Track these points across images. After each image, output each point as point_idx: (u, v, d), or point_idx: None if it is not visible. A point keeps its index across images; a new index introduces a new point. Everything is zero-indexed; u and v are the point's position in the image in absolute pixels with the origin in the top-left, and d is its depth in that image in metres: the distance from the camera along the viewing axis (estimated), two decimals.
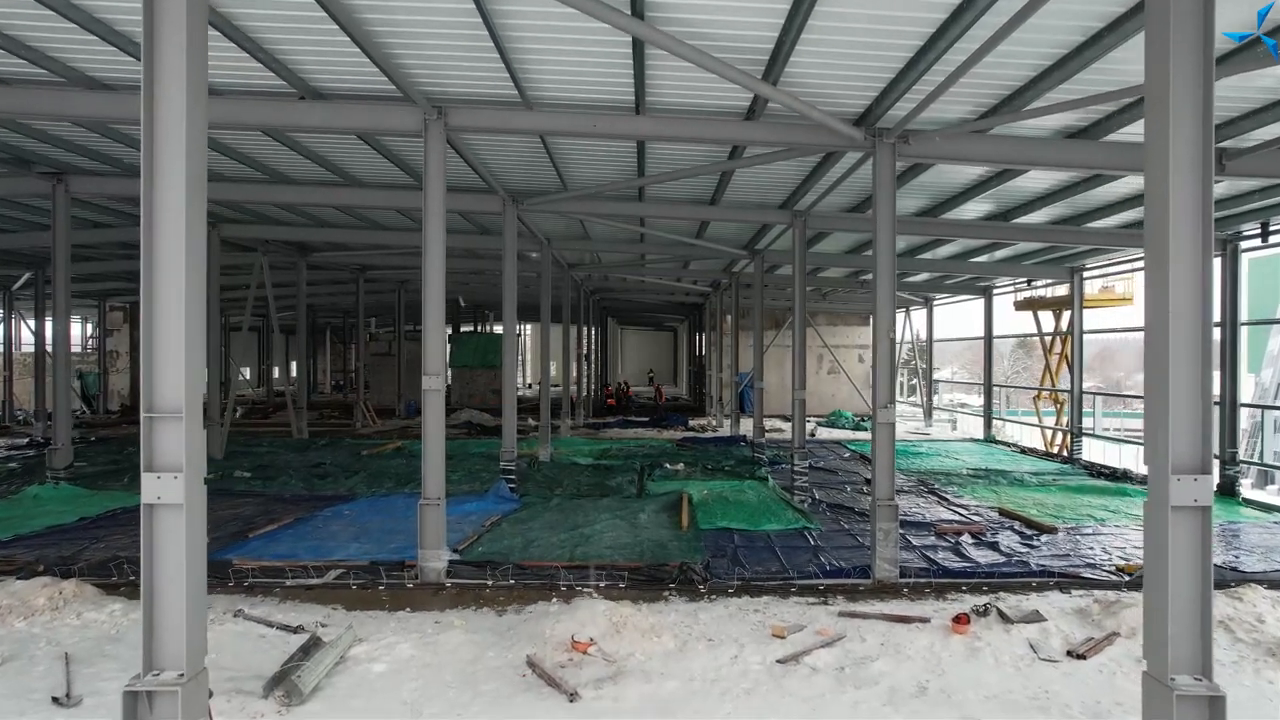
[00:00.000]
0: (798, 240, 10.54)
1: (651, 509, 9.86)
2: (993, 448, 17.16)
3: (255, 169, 10.12)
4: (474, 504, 10.03)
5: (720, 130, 6.91)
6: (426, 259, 6.81)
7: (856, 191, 10.28)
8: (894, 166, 6.80)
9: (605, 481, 11.95)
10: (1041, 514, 9.76)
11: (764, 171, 9.65)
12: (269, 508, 10.08)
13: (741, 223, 12.75)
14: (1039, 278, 15.16)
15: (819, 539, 8.50)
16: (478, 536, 8.44)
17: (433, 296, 6.81)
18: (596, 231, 14.14)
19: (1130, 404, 33.16)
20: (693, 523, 9.12)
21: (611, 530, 8.77)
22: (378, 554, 7.73)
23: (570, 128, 6.90)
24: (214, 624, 5.50)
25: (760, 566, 7.35)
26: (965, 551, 7.92)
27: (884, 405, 6.80)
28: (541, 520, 9.29)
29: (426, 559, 6.78)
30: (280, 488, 11.51)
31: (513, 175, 10.21)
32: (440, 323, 6.83)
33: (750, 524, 9.11)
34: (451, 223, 14.01)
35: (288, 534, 8.59)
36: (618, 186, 9.35)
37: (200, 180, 3.27)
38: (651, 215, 10.78)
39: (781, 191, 10.46)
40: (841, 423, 21.71)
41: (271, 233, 14.84)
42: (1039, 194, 10.07)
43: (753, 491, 11.24)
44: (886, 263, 6.80)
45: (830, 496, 11.07)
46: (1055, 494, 11.24)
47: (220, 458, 14.41)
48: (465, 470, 13.09)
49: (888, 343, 6.81)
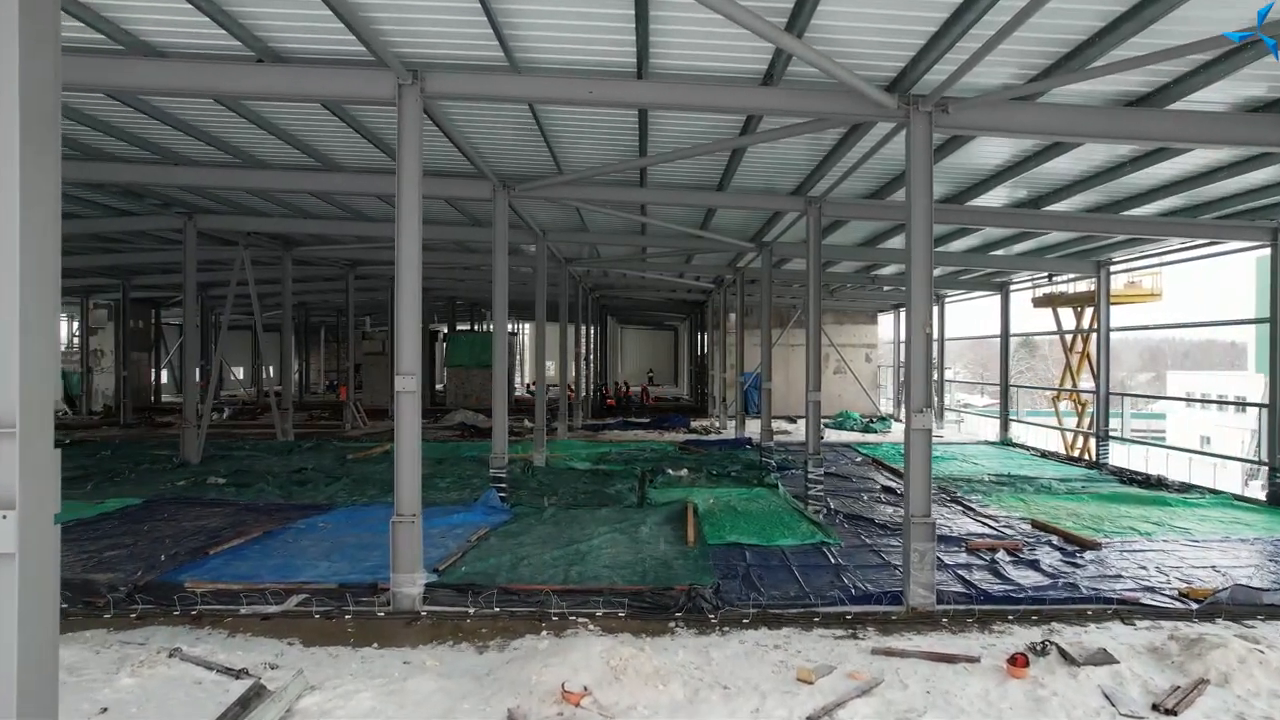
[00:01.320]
0: (812, 229, 9.73)
1: (654, 521, 9.06)
2: (1010, 451, 16.36)
3: (224, 151, 9.31)
4: (460, 515, 9.22)
5: (733, 97, 6.10)
6: (400, 243, 6.00)
7: (877, 175, 9.48)
8: (930, 139, 5.99)
9: (604, 489, 11.14)
10: (1079, 526, 8.96)
11: (775, 152, 8.85)
12: (239, 519, 9.28)
13: (750, 211, 11.95)
14: (1064, 272, 14.36)
15: (839, 556, 7.70)
16: (462, 554, 7.64)
17: (407, 285, 6.01)
18: (595, 223, 13.34)
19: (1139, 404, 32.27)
20: (699, 537, 8.32)
21: (610, 546, 7.97)
22: (349, 574, 6.92)
23: (563, 95, 6.10)
24: (144, 666, 4.69)
25: (777, 590, 6.54)
26: (1004, 571, 7.11)
27: (920, 409, 5.99)
28: (534, 534, 8.49)
29: (399, 584, 5.97)
30: (254, 496, 10.71)
31: (503, 158, 9.40)
32: (415, 316, 6.02)
33: (762, 538, 8.30)
34: (440, 213, 13.20)
35: (253, 550, 7.78)
36: (617, 169, 8.55)
37: (44, 112, 2.41)
38: (653, 202, 9.98)
39: (794, 176, 9.66)
40: (849, 424, 20.90)
41: (251, 224, 14.04)
42: (1072, 179, 9.27)
43: (763, 500, 10.44)
44: (923, 248, 5.99)
45: (846, 506, 10.27)
46: (1088, 503, 10.43)
47: (196, 462, 13.62)
48: (455, 476, 12.28)
49: (923, 338, 6.00)
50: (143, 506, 9.80)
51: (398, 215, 6.02)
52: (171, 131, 8.58)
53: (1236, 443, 44.52)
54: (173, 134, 8.72)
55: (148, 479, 11.92)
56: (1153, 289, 17.91)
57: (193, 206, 13.18)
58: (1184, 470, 23.74)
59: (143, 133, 8.73)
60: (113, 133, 8.62)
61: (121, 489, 10.99)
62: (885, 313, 26.40)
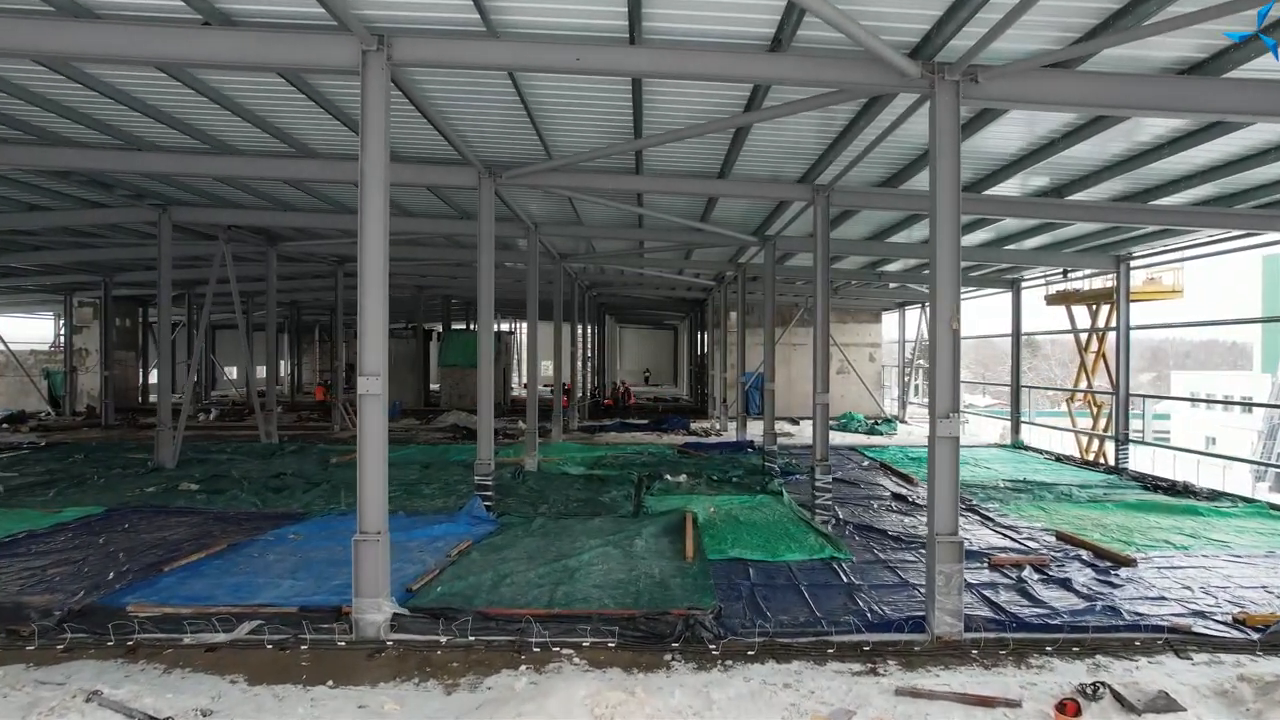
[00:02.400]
0: (819, 219, 9.08)
1: (650, 532, 8.41)
2: (1023, 454, 15.71)
3: (190, 136, 8.67)
4: (442, 526, 8.58)
5: (737, 66, 5.45)
6: (364, 229, 5.36)
7: (890, 161, 8.84)
8: (958, 112, 5.35)
9: (597, 497, 10.49)
10: (1107, 538, 8.32)
11: (780, 136, 8.21)
12: (205, 529, 8.64)
13: (752, 202, 11.31)
14: (1081, 267, 13.71)
15: (851, 573, 7.06)
16: (439, 571, 6.99)
17: (372, 277, 5.37)
18: (589, 215, 12.69)
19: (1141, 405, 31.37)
20: (699, 551, 7.67)
21: (602, 561, 7.33)
22: (313, 595, 6.28)
23: (547, 62, 5.45)
24: (53, 715, 4.05)
25: (785, 614, 5.90)
26: (1033, 591, 6.47)
27: (946, 414, 5.35)
28: (520, 547, 7.84)
29: (362, 610, 5.33)
30: (226, 503, 10.06)
31: (488, 142, 8.76)
32: (380, 310, 5.38)
33: (767, 552, 7.66)
34: (427, 205, 12.57)
35: (213, 566, 7.13)
36: (610, 153, 7.90)
37: None
38: (650, 191, 9.35)
39: (801, 162, 9.01)
40: (854, 426, 20.25)
41: (229, 216, 13.38)
42: (1099, 165, 8.63)
43: (766, 509, 9.79)
44: (949, 234, 5.35)
45: (856, 515, 9.63)
46: (1113, 512, 9.79)
47: (171, 467, 12.97)
48: (441, 483, 11.64)
49: (950, 334, 5.36)
50: (103, 516, 9.15)
51: (361, 196, 5.37)
52: (131, 113, 7.95)
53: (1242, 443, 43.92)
54: (134, 117, 8.10)
55: (116, 485, 11.27)
56: (1174, 285, 17.25)
57: (166, 198, 12.53)
58: (1191, 472, 23.17)
59: (102, 115, 8.10)
60: (69, 115, 7.98)
61: (85, 496, 10.34)
62: (890, 311, 25.75)
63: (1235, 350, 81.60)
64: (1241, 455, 35.16)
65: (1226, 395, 50.60)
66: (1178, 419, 51.05)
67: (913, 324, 24.66)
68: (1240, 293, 67.65)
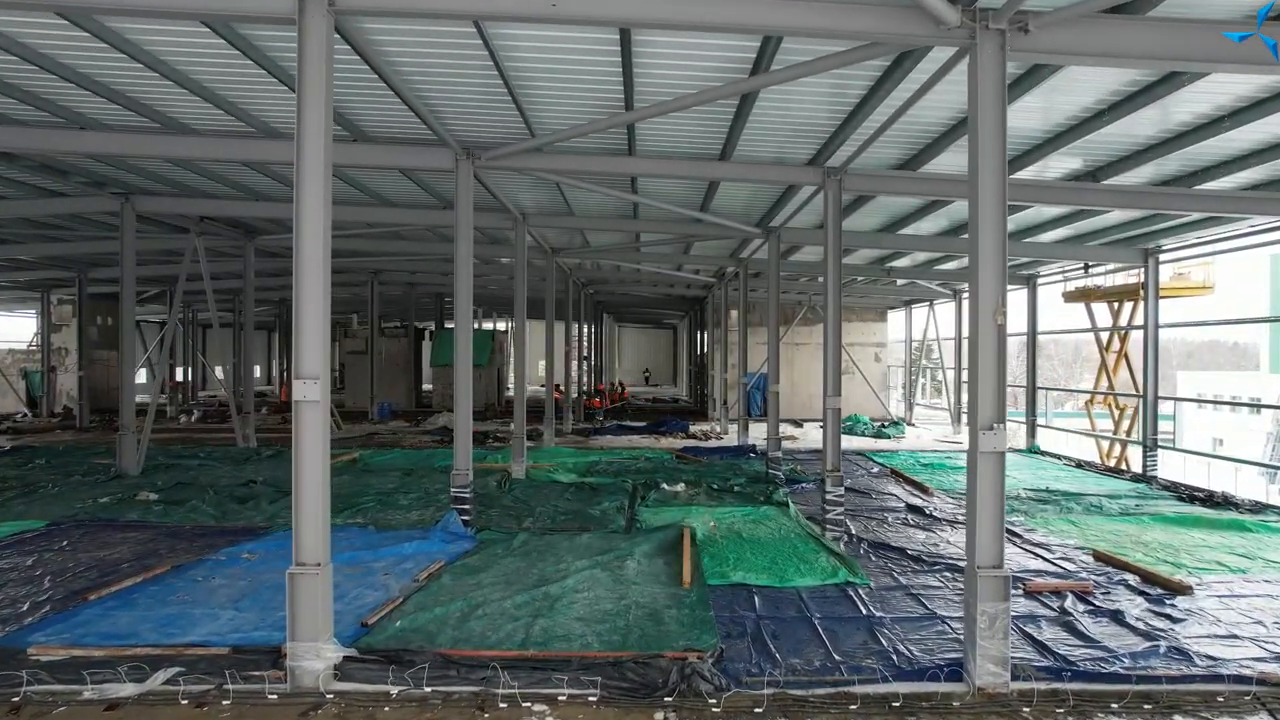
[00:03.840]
0: (830, 205, 8.25)
1: (643, 551, 7.58)
2: (1041, 460, 14.87)
3: (140, 114, 7.85)
4: (413, 544, 7.74)
5: (747, 11, 4.60)
6: (300, 204, 4.55)
7: (908, 140, 8.00)
8: (1004, 68, 4.51)
9: (588, 508, 9.66)
10: (1151, 559, 7.49)
11: (788, 111, 7.38)
12: (152, 547, 7.81)
13: (756, 189, 10.48)
14: (1106, 261, 12.87)
15: (870, 602, 6.23)
16: (403, 599, 6.16)
17: (310, 263, 4.54)
18: (581, 204, 11.86)
19: None
20: (698, 575, 6.84)
21: (588, 586, 6.50)
22: (253, 630, 5.46)
23: (517, 8, 4.61)
24: None
25: (798, 656, 5.07)
26: (1082, 626, 5.63)
27: (990, 425, 4.51)
28: (498, 569, 7.01)
29: (299, 656, 4.50)
30: (184, 516, 9.22)
31: (465, 120, 7.93)
32: (319, 303, 4.55)
33: (775, 576, 6.82)
34: (406, 193, 11.73)
35: (147, 593, 6.30)
36: (599, 128, 7.06)
37: None
38: (645, 174, 8.52)
39: (810, 141, 8.18)
40: (860, 429, 19.41)
41: (201, 207, 12.53)
42: (1142, 145, 7.80)
43: (771, 523, 8.97)
44: (994, 211, 4.51)
45: (870, 531, 8.80)
46: (1151, 527, 8.96)
47: (135, 473, 12.15)
48: (421, 492, 10.82)
49: (994, 329, 4.52)
50: (42, 532, 8.31)
51: (297, 168, 4.55)
52: (71, 87, 7.14)
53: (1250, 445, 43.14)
54: (75, 91, 7.29)
55: (69, 494, 10.43)
56: (1204, 281, 16.39)
57: (129, 186, 11.69)
58: (1202, 476, 22.33)
59: (39, 90, 7.29)
60: None
61: (30, 508, 9.51)
62: (896, 309, 24.91)
63: (1238, 351, 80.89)
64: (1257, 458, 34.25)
65: (1234, 396, 49.93)
66: (1183, 420, 50.22)
67: (920, 323, 23.82)
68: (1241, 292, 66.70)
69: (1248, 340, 76.98)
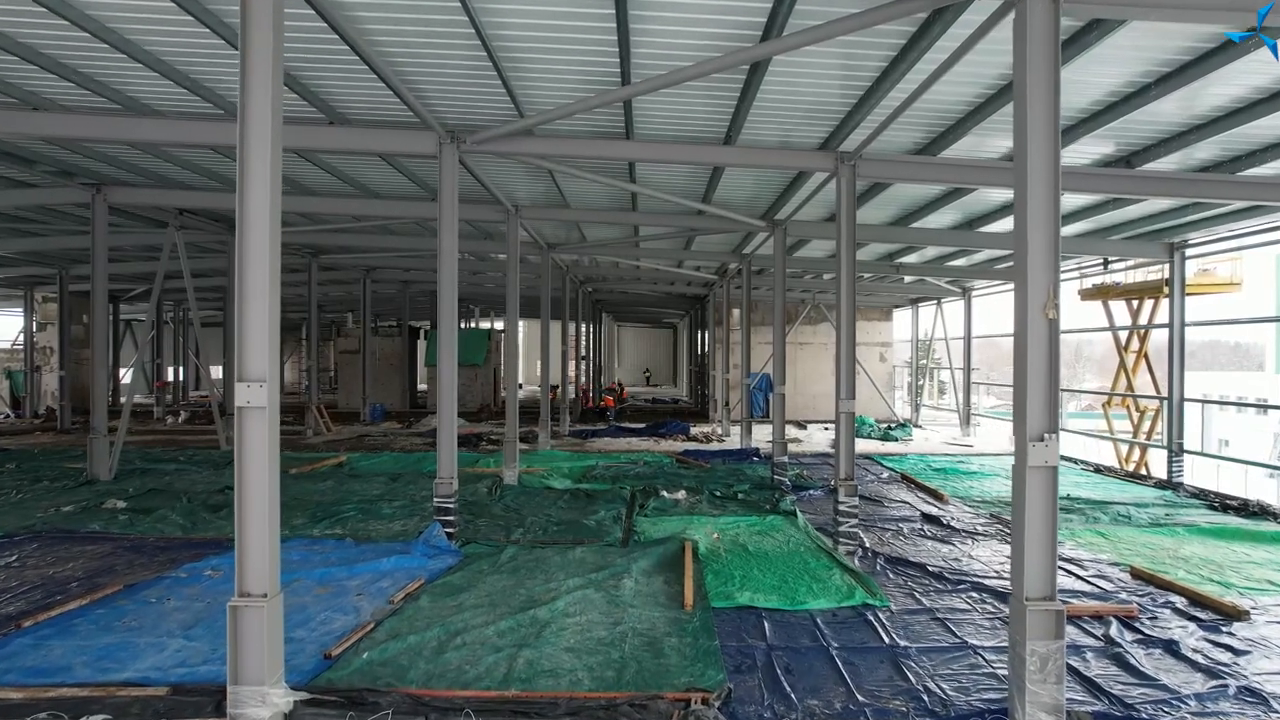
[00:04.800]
0: (844, 193, 7.64)
1: (641, 568, 6.97)
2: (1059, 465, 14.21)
3: (97, 94, 7.25)
4: (392, 560, 7.12)
5: None
6: (245, 178, 3.94)
7: (927, 122, 7.39)
8: (1058, 22, 3.90)
9: (582, 518, 9.04)
10: (1196, 577, 6.87)
11: (797, 90, 6.78)
12: (109, 562, 7.21)
13: (763, 176, 9.86)
14: (1129, 256, 12.25)
15: (892, 628, 5.61)
16: (375, 624, 5.55)
17: (254, 247, 3.94)
18: (577, 195, 11.24)
19: None
20: (701, 596, 6.23)
21: (580, 609, 5.89)
22: (201, 664, 4.85)
23: None
24: None
25: (815, 697, 4.46)
26: (1133, 659, 5.02)
27: (1039, 436, 3.91)
28: (482, 588, 6.40)
29: (242, 702, 3.89)
30: (150, 526, 8.63)
31: (450, 101, 7.34)
32: (264, 294, 3.95)
33: (785, 597, 6.21)
34: (393, 185, 11.12)
35: (92, 617, 5.69)
36: (593, 105, 6.45)
37: None
38: (644, 159, 7.91)
39: (821, 124, 7.58)
40: (866, 431, 18.78)
41: (179, 199, 11.88)
42: (1182, 126, 7.19)
43: (779, 534, 8.36)
44: (1044, 186, 3.90)
45: (884, 544, 8.18)
46: (1188, 539, 8.35)
47: (107, 479, 11.54)
48: (406, 500, 10.21)
49: (1045, 325, 3.91)
50: None
51: (241, 137, 3.94)
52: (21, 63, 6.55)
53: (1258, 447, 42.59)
54: (25, 68, 6.69)
55: (34, 501, 9.83)
56: (1231, 277, 15.75)
57: (100, 176, 11.09)
58: (1211, 479, 21.69)
59: None
60: None
61: None
62: (902, 308, 24.30)
63: (1239, 351, 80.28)
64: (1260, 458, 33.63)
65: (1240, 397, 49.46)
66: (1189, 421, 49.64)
67: (927, 322, 23.22)
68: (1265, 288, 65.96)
69: (1249, 340, 76.43)
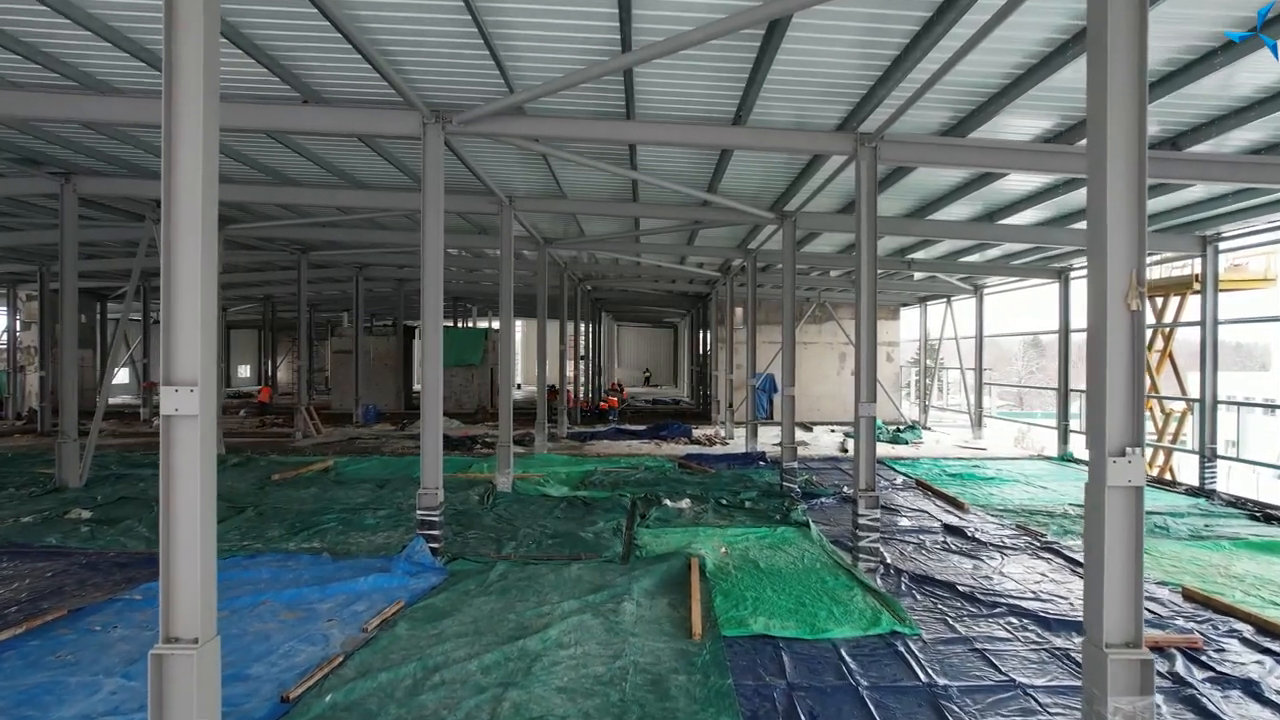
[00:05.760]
0: (864, 176, 7.00)
1: (643, 588, 6.34)
2: (1079, 470, 13.61)
3: (51, 69, 6.62)
4: (370, 579, 6.48)
5: None
6: (173, 147, 3.30)
7: (956, 100, 6.75)
8: None
9: (579, 530, 8.39)
10: (1257, 600, 6.24)
11: (814, 64, 6.14)
12: (59, 581, 6.57)
13: (772, 163, 9.22)
14: (1159, 250, 11.58)
15: (927, 661, 4.97)
16: (344, 657, 4.91)
17: (183, 230, 3.30)
18: (574, 184, 10.60)
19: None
20: (710, 622, 5.59)
21: (575, 639, 5.25)
22: (136, 711, 4.20)
23: None
24: None
25: None
26: (1211, 705, 4.37)
27: (1120, 451, 3.27)
28: (467, 613, 5.76)
29: None
30: (112, 539, 7.98)
31: (434, 77, 6.70)
32: (196, 289, 3.32)
33: (805, 624, 5.57)
34: (380, 174, 10.47)
35: (23, 650, 5.04)
36: (591, 77, 5.80)
37: None
38: (646, 141, 7.26)
39: (839, 101, 6.94)
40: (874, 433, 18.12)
41: (155, 189, 11.23)
42: (1235, 104, 6.56)
43: (792, 548, 7.73)
44: (1128, 148, 3.28)
45: (906, 559, 7.55)
46: (1234, 554, 7.71)
47: (78, 485, 10.90)
48: (393, 508, 9.55)
49: (1126, 318, 3.28)
50: None
51: (166, 96, 3.30)
52: None
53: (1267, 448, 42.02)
54: None
55: None
56: (1265, 273, 15.08)
57: (68, 164, 10.45)
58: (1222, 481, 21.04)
59: None
60: None
61: None
62: (910, 307, 23.65)
63: (1241, 351, 79.63)
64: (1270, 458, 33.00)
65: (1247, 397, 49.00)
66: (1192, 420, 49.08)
67: (935, 320, 22.57)
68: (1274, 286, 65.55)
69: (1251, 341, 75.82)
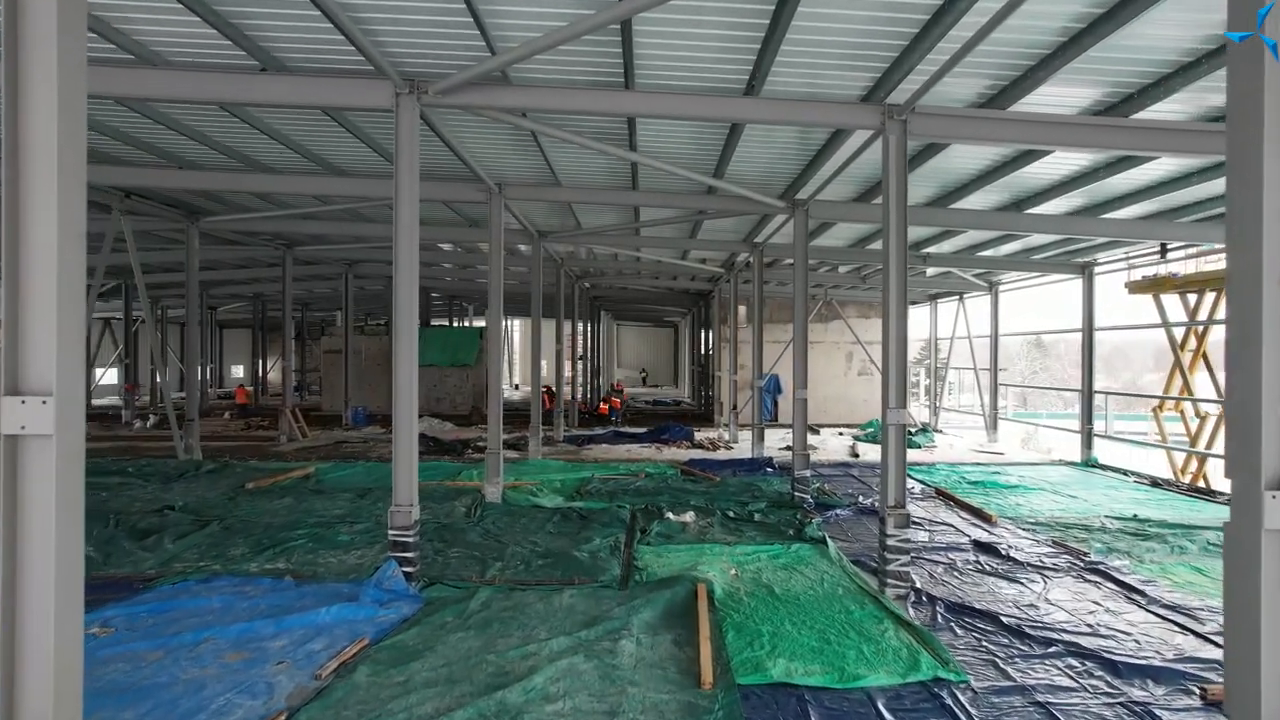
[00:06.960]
0: (893, 154, 6.22)
1: (644, 620, 5.55)
2: (1105, 477, 12.82)
3: None
4: (333, 610, 5.68)
5: None
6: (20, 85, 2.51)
7: (996, 67, 5.98)
8: None
9: (573, 548, 7.60)
10: None
11: (834, 27, 5.36)
12: None
13: (785, 144, 8.45)
14: (1200, 240, 10.77)
15: (979, 715, 4.19)
16: (288, 715, 4.12)
17: (36, 194, 2.51)
18: (568, 169, 9.81)
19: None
20: (721, 666, 4.80)
21: (564, 690, 4.46)
22: None
23: None
24: None
25: None
26: None
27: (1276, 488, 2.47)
28: (441, 653, 4.97)
29: None
30: None
31: (408, 40, 5.92)
32: (51, 273, 2.52)
33: (833, 669, 4.78)
34: (365, 161, 9.68)
35: None
36: (581, 32, 5.03)
37: None
38: (646, 114, 6.48)
39: (863, 71, 6.17)
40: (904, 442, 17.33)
41: (121, 177, 10.42)
42: None
43: (809, 569, 6.95)
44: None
45: (938, 582, 6.76)
46: None
47: None
48: (372, 520, 8.75)
49: (1278, 291, 2.50)
50: None
51: None
52: None
53: None
54: None
55: None
56: None
57: None
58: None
59: None
60: None
61: None
62: (920, 305, 22.87)
63: None
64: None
65: None
66: None
67: (946, 319, 21.80)
68: None
69: None
